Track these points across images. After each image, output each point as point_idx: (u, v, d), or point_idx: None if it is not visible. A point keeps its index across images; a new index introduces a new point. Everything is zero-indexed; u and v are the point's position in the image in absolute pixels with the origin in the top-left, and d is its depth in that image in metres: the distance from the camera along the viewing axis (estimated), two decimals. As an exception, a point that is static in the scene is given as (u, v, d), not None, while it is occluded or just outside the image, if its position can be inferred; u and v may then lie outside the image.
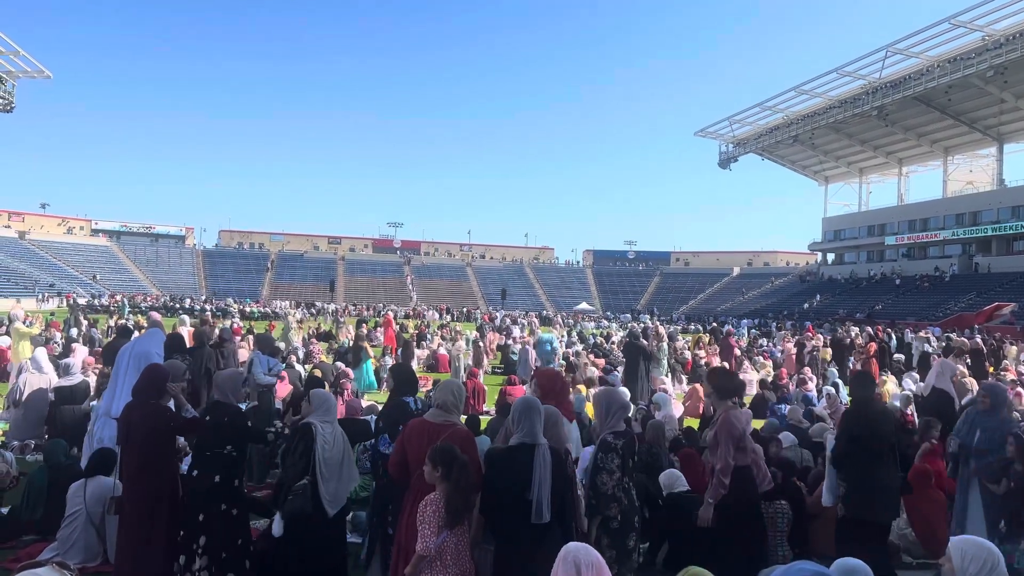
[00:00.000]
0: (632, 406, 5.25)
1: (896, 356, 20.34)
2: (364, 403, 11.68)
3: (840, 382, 15.17)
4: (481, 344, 22.51)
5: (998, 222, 52.54)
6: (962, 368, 15.36)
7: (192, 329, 14.16)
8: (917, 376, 16.03)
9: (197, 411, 5.56)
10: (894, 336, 25.70)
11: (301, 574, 4.82)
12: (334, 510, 4.84)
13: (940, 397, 8.90)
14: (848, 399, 7.86)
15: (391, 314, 38.60)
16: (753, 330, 38.91)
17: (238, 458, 5.04)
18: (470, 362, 19.63)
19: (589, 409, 9.87)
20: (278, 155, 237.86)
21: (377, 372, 17.07)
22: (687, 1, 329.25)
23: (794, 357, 20.40)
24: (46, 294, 51.31)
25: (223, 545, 4.81)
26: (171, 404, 5.24)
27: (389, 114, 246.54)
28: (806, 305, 58.35)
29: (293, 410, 7.52)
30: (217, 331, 14.19)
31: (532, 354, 17.77)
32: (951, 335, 24.85)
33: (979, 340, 21.02)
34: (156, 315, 13.82)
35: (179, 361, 7.36)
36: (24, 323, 16.68)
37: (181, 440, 6.15)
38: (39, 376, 9.97)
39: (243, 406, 12.42)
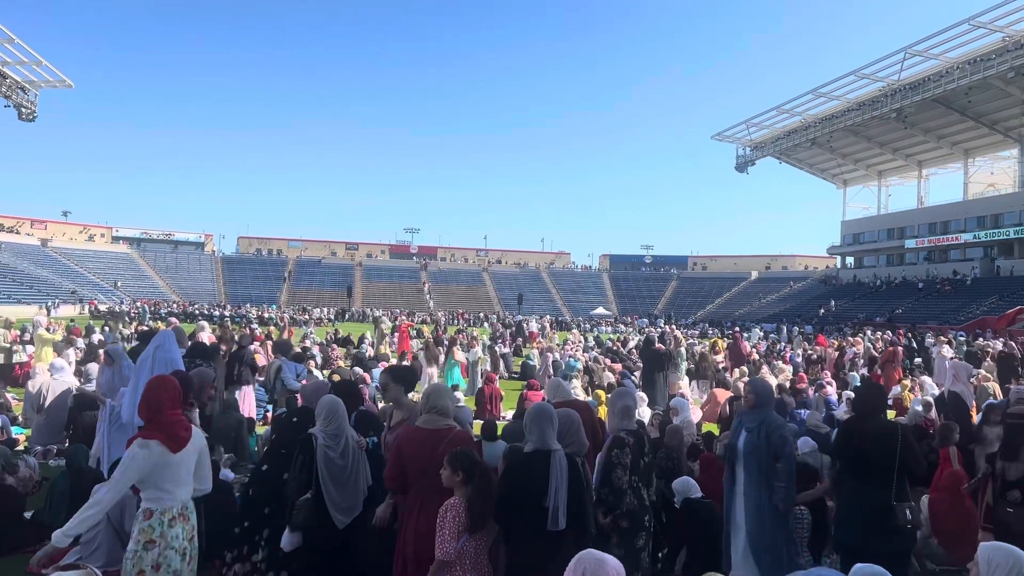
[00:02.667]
0: (638, 406, 5.20)
1: (916, 361, 20.14)
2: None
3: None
4: (497, 349, 22.55)
5: (1020, 224, 51.86)
6: (983, 372, 15.20)
7: (212, 336, 14.29)
8: (929, 380, 15.79)
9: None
10: (913, 340, 25.42)
11: None
12: (347, 520, 4.77)
13: (954, 401, 8.79)
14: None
15: (406, 321, 38.68)
16: (772, 335, 38.59)
17: None
18: (488, 368, 19.66)
19: (601, 412, 9.91)
20: (296, 162, 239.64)
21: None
22: (704, 11, 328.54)
23: (835, 361, 20.21)
24: (58, 301, 51.49)
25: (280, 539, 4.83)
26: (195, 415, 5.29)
27: (406, 122, 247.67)
28: (822, 311, 57.81)
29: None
30: (237, 337, 14.31)
31: (549, 365, 17.83)
32: (978, 337, 24.57)
33: (1002, 343, 20.76)
34: (175, 320, 13.97)
35: (207, 368, 7.39)
36: (47, 329, 16.89)
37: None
38: (60, 382, 10.08)
39: (269, 411, 12.53)
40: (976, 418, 9.34)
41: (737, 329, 29.14)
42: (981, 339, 24.99)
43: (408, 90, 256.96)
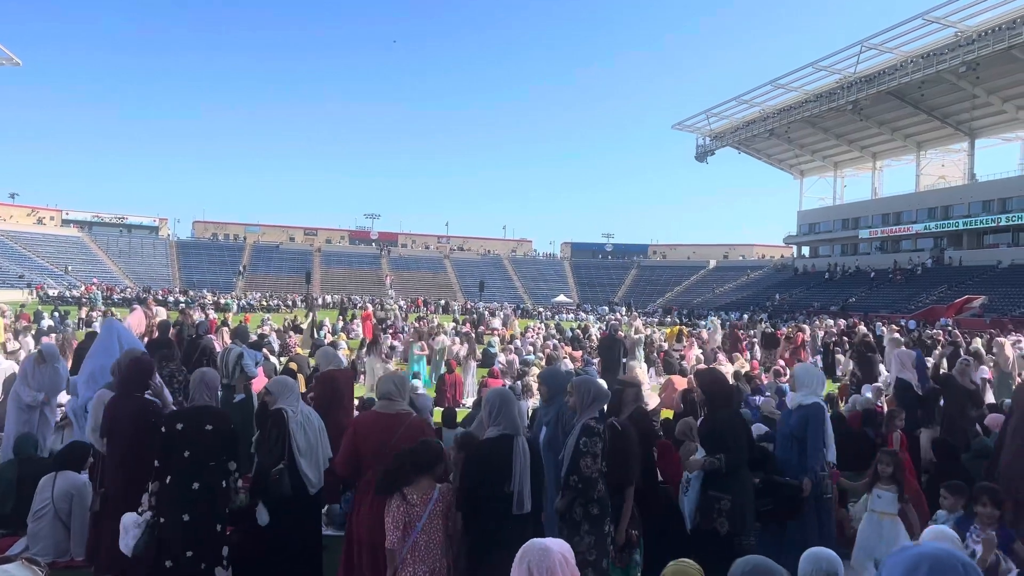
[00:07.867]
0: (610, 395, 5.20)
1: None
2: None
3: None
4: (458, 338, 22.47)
5: (969, 216, 53.37)
6: (932, 360, 15.56)
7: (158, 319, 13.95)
8: (882, 368, 16.11)
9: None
10: (864, 328, 25.94)
11: (281, 560, 4.82)
12: (315, 489, 4.87)
13: (900, 387, 9.02)
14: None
15: (370, 308, 38.44)
16: (728, 323, 39.07)
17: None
18: (464, 353, 19.54)
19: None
20: (253, 146, 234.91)
21: (353, 364, 16.97)
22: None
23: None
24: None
25: (221, 543, 4.73)
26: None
27: (366, 105, 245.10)
28: (769, 301, 58.72)
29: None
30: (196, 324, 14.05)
31: (513, 355, 17.87)
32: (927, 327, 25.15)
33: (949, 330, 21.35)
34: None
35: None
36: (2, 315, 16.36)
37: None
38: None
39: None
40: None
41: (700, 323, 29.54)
42: (934, 328, 25.66)
43: (368, 74, 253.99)
